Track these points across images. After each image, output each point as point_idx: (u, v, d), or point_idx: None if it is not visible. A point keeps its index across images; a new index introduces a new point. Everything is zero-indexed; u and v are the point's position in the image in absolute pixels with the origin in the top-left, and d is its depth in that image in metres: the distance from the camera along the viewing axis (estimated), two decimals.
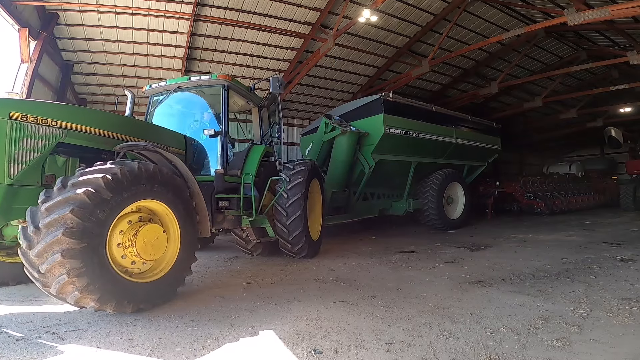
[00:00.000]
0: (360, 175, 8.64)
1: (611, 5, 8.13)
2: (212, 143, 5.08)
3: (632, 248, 6.34)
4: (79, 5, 8.36)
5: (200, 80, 5.17)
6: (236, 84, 5.33)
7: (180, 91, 5.41)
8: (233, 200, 4.88)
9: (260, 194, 5.28)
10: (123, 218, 3.21)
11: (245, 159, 5.46)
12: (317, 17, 10.27)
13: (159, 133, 4.50)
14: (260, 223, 5.28)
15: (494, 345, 2.54)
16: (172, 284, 3.55)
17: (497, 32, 11.85)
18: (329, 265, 5.37)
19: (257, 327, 2.98)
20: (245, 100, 5.85)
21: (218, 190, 4.77)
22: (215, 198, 4.71)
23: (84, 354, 2.47)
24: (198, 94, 5.45)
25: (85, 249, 2.75)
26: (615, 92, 14.55)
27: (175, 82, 5.35)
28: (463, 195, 10.37)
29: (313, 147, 8.98)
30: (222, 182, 4.82)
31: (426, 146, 9.33)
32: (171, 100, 5.55)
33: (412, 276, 4.67)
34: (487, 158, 11.86)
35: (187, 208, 3.70)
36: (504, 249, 6.68)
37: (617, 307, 3.28)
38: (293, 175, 5.61)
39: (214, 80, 5.12)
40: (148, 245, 3.25)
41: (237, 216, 4.94)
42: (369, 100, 8.64)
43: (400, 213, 9.57)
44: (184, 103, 5.73)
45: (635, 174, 15.85)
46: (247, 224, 5.00)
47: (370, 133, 8.28)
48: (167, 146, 4.33)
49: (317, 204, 6.47)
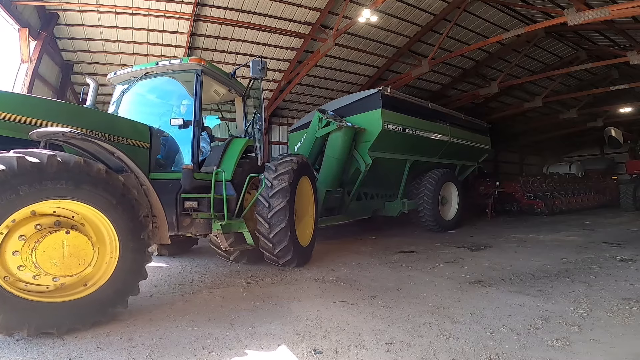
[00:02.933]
0: (355, 173, 8.16)
1: (611, 5, 8.13)
2: (185, 136, 4.48)
3: (632, 248, 6.34)
4: (79, 5, 8.36)
5: (170, 65, 4.58)
6: (213, 68, 4.79)
7: (149, 78, 4.78)
8: (203, 200, 4.23)
9: (238, 193, 4.60)
10: (29, 221, 2.62)
11: (223, 153, 4.83)
12: (317, 17, 10.27)
13: (111, 122, 3.91)
14: (238, 228, 4.54)
15: (494, 345, 2.54)
16: (101, 306, 2.90)
17: (497, 32, 11.84)
18: (329, 265, 5.37)
19: (257, 327, 2.98)
20: (227, 89, 5.31)
21: (185, 189, 4.14)
22: (181, 198, 4.11)
23: (84, 354, 2.47)
24: (171, 81, 4.86)
25: None
26: (615, 92, 14.56)
27: (142, 68, 4.76)
28: (457, 196, 10.12)
29: (304, 144, 8.40)
30: (191, 180, 4.16)
31: (422, 144, 9.05)
32: (139, 88, 4.93)
33: (412, 276, 4.67)
34: (478, 158, 11.67)
35: (132, 212, 3.04)
36: (504, 249, 6.68)
37: (617, 307, 3.28)
38: (276, 179, 4.90)
39: (186, 64, 4.54)
40: (58, 256, 2.62)
41: (208, 219, 4.30)
42: (366, 94, 8.20)
43: (395, 214, 9.18)
44: (154, 91, 5.10)
45: (635, 174, 15.85)
46: (218, 228, 4.25)
47: (366, 129, 7.82)
48: (123, 138, 3.83)
49: (309, 205, 5.87)
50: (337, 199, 8.09)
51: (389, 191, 9.50)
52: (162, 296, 3.86)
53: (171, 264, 5.50)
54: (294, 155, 5.49)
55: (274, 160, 5.25)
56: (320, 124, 7.83)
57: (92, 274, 2.93)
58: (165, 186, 4.04)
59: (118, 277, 2.99)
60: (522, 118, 19.38)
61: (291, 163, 5.08)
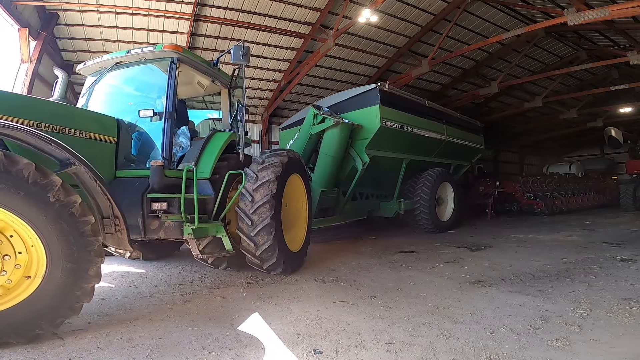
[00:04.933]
0: (352, 172, 7.83)
1: (611, 5, 8.12)
2: (158, 130, 4.12)
3: (632, 248, 6.34)
4: (79, 5, 8.36)
5: (142, 52, 4.22)
6: (191, 56, 4.43)
7: (121, 68, 4.43)
8: (173, 201, 3.77)
9: (217, 193, 4.18)
10: None
11: (203, 149, 4.41)
12: (317, 17, 10.27)
13: (67, 114, 3.54)
14: (215, 231, 4.05)
15: (494, 345, 2.54)
16: (18, 327, 2.44)
17: (497, 32, 11.84)
18: (329, 266, 5.37)
19: (257, 327, 2.98)
20: (211, 80, 4.95)
21: (153, 188, 3.70)
22: (148, 198, 3.70)
23: (84, 354, 2.47)
24: (150, 71, 4.43)
25: None
26: (615, 92, 14.55)
27: (113, 57, 4.41)
28: (453, 196, 9.95)
29: (297, 141, 8.01)
30: (161, 178, 3.69)
31: (419, 143, 8.83)
32: (112, 79, 4.57)
33: (412, 276, 4.67)
34: (472, 157, 11.55)
35: (70, 220, 2.53)
36: (504, 249, 6.68)
37: (617, 307, 3.28)
38: (261, 171, 4.44)
39: (159, 52, 4.15)
40: None
41: (180, 222, 3.81)
42: (364, 90, 7.87)
43: (390, 215, 8.93)
44: (130, 82, 4.71)
45: (635, 174, 15.86)
46: (189, 233, 3.74)
47: (364, 126, 7.52)
48: (82, 131, 3.50)
49: (300, 206, 5.44)
50: (333, 199, 7.78)
51: (385, 191, 9.23)
52: (162, 296, 3.86)
53: (171, 264, 5.51)
54: (285, 149, 5.08)
55: (263, 153, 4.85)
56: (315, 120, 7.46)
57: (8, 290, 2.49)
58: (131, 185, 3.68)
59: (45, 296, 2.50)
60: (522, 118, 19.38)
61: (280, 157, 4.66)
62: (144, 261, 5.64)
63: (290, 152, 4.96)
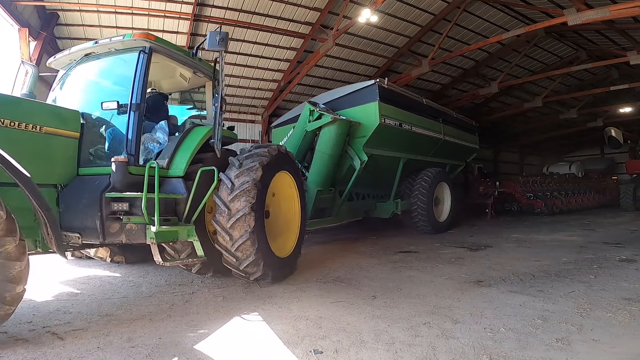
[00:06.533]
0: (349, 172, 7.54)
1: (611, 5, 8.13)
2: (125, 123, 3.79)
3: (632, 248, 6.34)
4: (79, 5, 8.37)
5: (111, 43, 3.94)
6: (165, 45, 4.08)
7: (91, 60, 4.16)
8: (137, 201, 3.37)
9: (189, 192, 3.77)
10: None
11: (179, 144, 4.05)
12: (317, 17, 10.27)
13: (19, 107, 3.27)
14: (187, 235, 3.63)
15: (494, 345, 2.54)
16: None
17: (497, 32, 11.85)
18: (329, 265, 5.37)
19: (258, 327, 2.98)
20: (192, 71, 4.63)
21: (115, 186, 3.37)
22: (107, 198, 3.35)
23: (84, 354, 2.47)
24: (124, 63, 4.07)
25: None
26: (615, 92, 14.56)
27: (82, 49, 4.14)
28: (450, 197, 9.76)
29: (291, 139, 7.65)
30: (124, 176, 3.39)
31: (417, 141, 8.60)
32: (82, 72, 4.30)
33: (412, 276, 4.66)
34: (467, 157, 11.40)
35: None
36: (504, 249, 6.68)
37: (617, 307, 3.28)
38: (238, 177, 3.94)
39: (129, 41, 3.86)
40: None
41: (144, 225, 3.40)
42: (362, 86, 7.60)
43: (387, 215, 8.70)
44: (100, 74, 4.41)
45: (635, 174, 15.86)
46: (151, 237, 3.30)
47: (362, 123, 7.24)
48: (35, 125, 3.23)
49: (292, 206, 4.99)
50: (329, 200, 7.50)
51: (381, 191, 9.01)
52: (162, 296, 3.86)
53: None
54: (269, 145, 4.55)
55: (242, 152, 4.35)
56: (311, 116, 7.15)
57: None
58: (91, 183, 3.37)
59: None
60: (522, 118, 19.39)
61: (260, 157, 4.15)
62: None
63: (273, 149, 4.44)
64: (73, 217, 3.36)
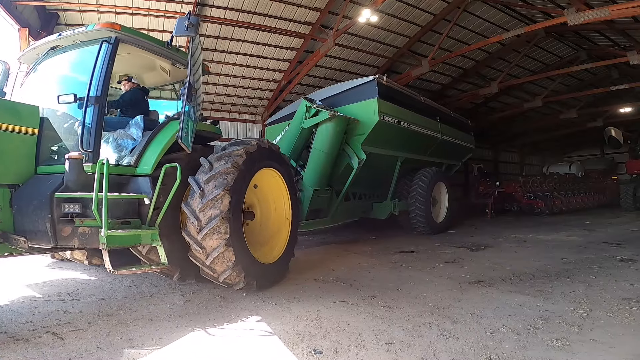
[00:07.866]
0: (346, 171, 7.27)
1: (611, 5, 8.13)
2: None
3: (632, 248, 6.34)
4: (79, 5, 8.37)
5: (74, 34, 3.72)
6: (134, 35, 3.80)
7: (58, 53, 3.95)
8: (90, 202, 2.99)
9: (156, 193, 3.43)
10: None
11: (151, 139, 3.77)
12: (317, 17, 10.27)
13: None
14: (150, 240, 3.32)
15: (493, 345, 2.54)
16: None
17: (497, 32, 11.84)
18: (329, 266, 5.37)
19: (257, 327, 2.98)
20: (171, 62, 4.38)
21: (68, 186, 3.09)
22: (57, 199, 3.03)
23: (84, 354, 2.47)
24: (87, 55, 3.74)
25: None
26: (615, 92, 14.56)
27: (47, 42, 3.94)
28: (447, 197, 9.57)
29: (286, 136, 7.37)
30: (79, 174, 3.12)
31: (415, 140, 8.39)
32: (49, 66, 4.08)
33: (412, 276, 4.67)
34: (463, 157, 11.29)
35: None
36: (504, 249, 6.68)
37: (617, 307, 3.29)
38: (208, 182, 3.57)
39: (92, 32, 3.62)
40: None
41: (97, 229, 3.10)
42: (360, 82, 7.33)
43: (384, 216, 8.46)
44: (68, 68, 4.18)
45: (635, 174, 15.86)
46: (102, 242, 2.95)
47: (360, 120, 7.00)
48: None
49: (281, 206, 4.66)
50: (326, 200, 7.22)
51: (377, 191, 8.80)
52: (162, 296, 3.86)
53: None
54: (245, 141, 4.11)
55: (215, 151, 3.99)
56: (308, 113, 6.85)
57: None
58: (45, 183, 3.12)
59: None
60: (522, 118, 19.38)
61: (234, 157, 3.74)
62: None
63: (251, 145, 3.98)
64: (25, 220, 3.09)
